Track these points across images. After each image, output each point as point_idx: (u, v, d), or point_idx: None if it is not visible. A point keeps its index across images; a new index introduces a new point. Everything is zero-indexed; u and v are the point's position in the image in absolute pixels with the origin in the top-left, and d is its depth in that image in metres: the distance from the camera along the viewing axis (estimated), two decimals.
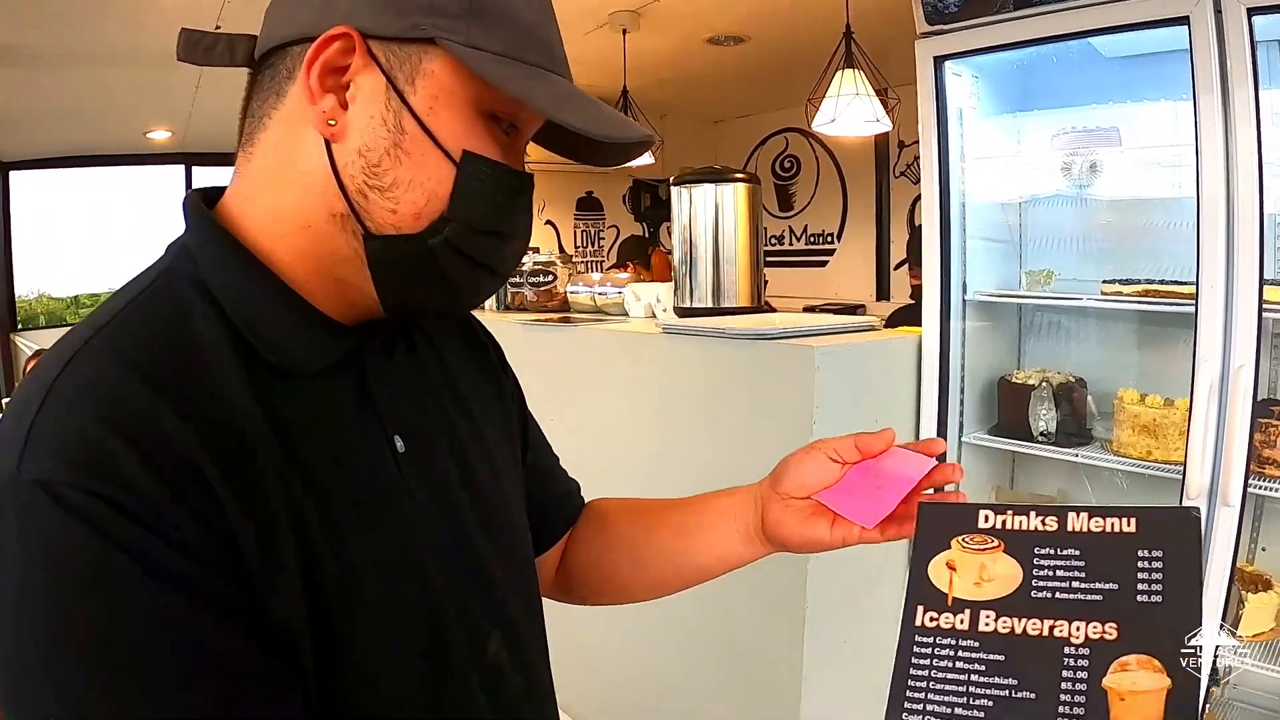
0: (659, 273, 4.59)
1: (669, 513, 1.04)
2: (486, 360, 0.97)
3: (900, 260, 5.93)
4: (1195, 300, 1.94)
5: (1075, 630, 0.73)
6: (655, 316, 2.89)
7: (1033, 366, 2.60)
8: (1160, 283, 2.17)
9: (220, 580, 0.62)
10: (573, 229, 7.23)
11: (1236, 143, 1.87)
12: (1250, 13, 1.82)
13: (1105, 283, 2.27)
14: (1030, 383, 2.41)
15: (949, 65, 2.31)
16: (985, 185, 2.47)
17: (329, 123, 0.69)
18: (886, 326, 2.72)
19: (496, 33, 0.69)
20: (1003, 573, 0.78)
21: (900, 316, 3.27)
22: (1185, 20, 1.89)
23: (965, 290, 2.42)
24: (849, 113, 3.72)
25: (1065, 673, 0.71)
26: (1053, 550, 0.78)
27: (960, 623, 0.76)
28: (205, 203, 0.75)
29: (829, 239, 6.69)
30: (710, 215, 2.69)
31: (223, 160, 7.74)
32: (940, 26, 2.26)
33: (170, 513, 0.61)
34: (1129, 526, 0.77)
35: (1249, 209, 1.86)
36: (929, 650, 0.75)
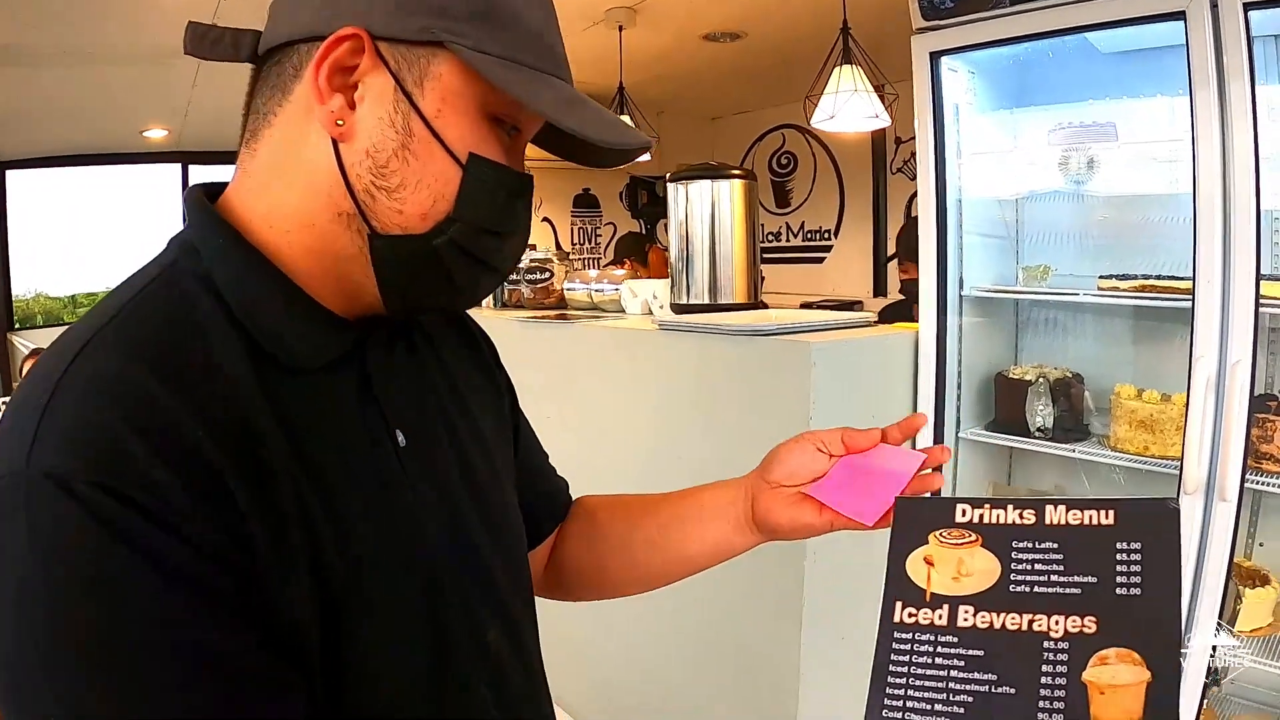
0: (656, 269, 4.59)
1: (657, 507, 1.05)
2: (481, 357, 0.98)
3: (892, 254, 5.92)
4: (1192, 295, 1.94)
5: (1054, 624, 0.73)
6: (652, 313, 2.89)
7: (1030, 362, 2.60)
8: (1157, 278, 2.17)
9: (228, 578, 0.62)
10: (570, 226, 7.23)
11: (1233, 138, 1.87)
12: (1246, 8, 1.82)
13: (1102, 278, 2.27)
14: (1027, 378, 2.41)
15: (945, 61, 2.30)
16: (982, 181, 2.47)
17: (337, 123, 0.69)
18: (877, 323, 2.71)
19: (503, 37, 0.70)
20: (981, 567, 0.78)
21: (890, 312, 3.26)
22: (1181, 15, 1.89)
23: (962, 286, 2.42)
24: (848, 109, 3.72)
25: (1045, 667, 0.71)
26: (1031, 544, 0.78)
27: (939, 618, 0.76)
28: (207, 198, 0.75)
29: (826, 235, 6.69)
30: (707, 212, 2.69)
31: (219, 159, 7.72)
32: (936, 22, 2.26)
33: (183, 508, 0.61)
34: (1107, 519, 0.77)
35: (1245, 204, 1.86)
36: (908, 647, 0.76)
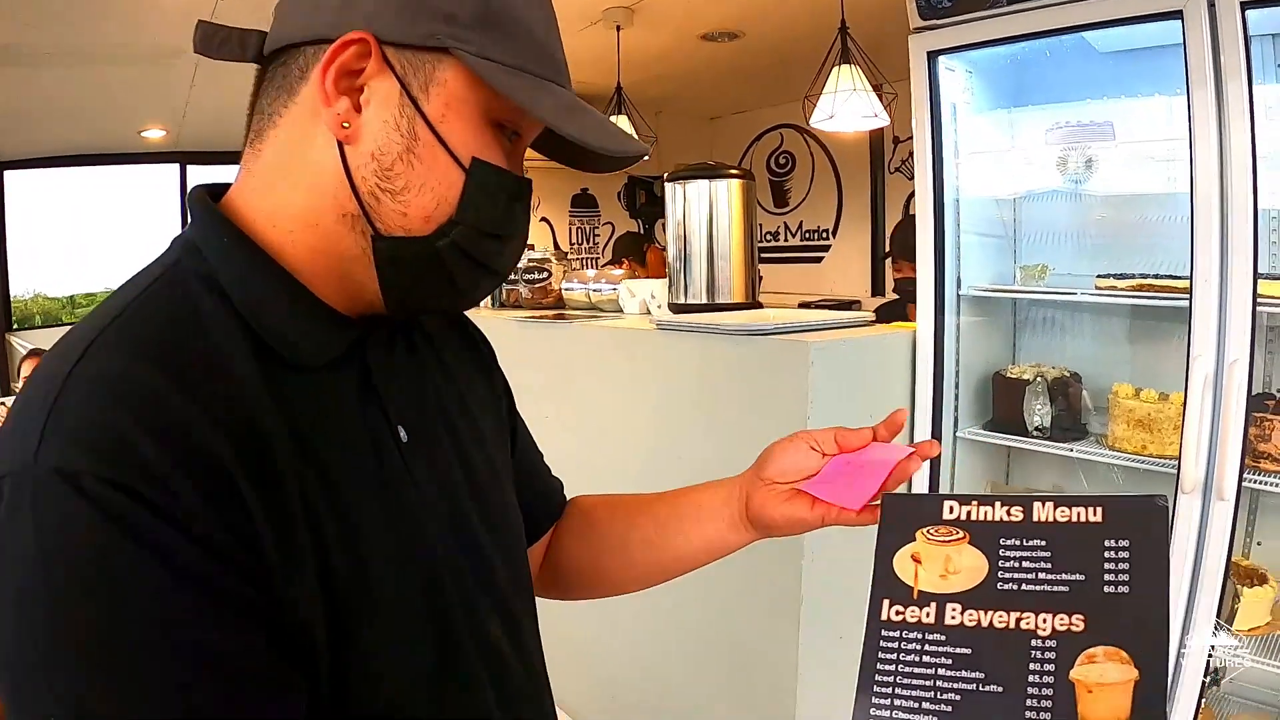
0: (654, 269, 4.58)
1: (653, 506, 1.06)
2: (480, 359, 0.99)
3: (885, 253, 5.91)
4: (1189, 295, 1.94)
5: (1042, 622, 0.73)
6: (650, 313, 2.89)
7: (1027, 361, 2.60)
8: (1155, 277, 2.17)
9: (235, 578, 0.63)
10: (568, 226, 7.23)
11: (1230, 137, 1.87)
12: (1243, 7, 1.82)
13: (1100, 277, 2.27)
14: (1025, 378, 2.41)
15: (942, 60, 2.31)
16: (979, 180, 2.47)
17: (343, 125, 0.70)
18: None
19: (507, 44, 0.71)
20: (968, 565, 0.78)
21: (885, 312, 3.25)
22: (1179, 14, 1.89)
23: (960, 285, 2.42)
24: (847, 109, 3.72)
25: (1032, 665, 0.71)
26: (1019, 541, 0.78)
27: (926, 616, 0.76)
28: (210, 198, 0.76)
29: (824, 235, 6.69)
30: (704, 211, 2.68)
31: (217, 159, 7.71)
32: (934, 21, 2.26)
33: (191, 505, 0.61)
34: (1095, 516, 0.77)
35: (1242, 203, 1.86)
36: (895, 645, 0.76)
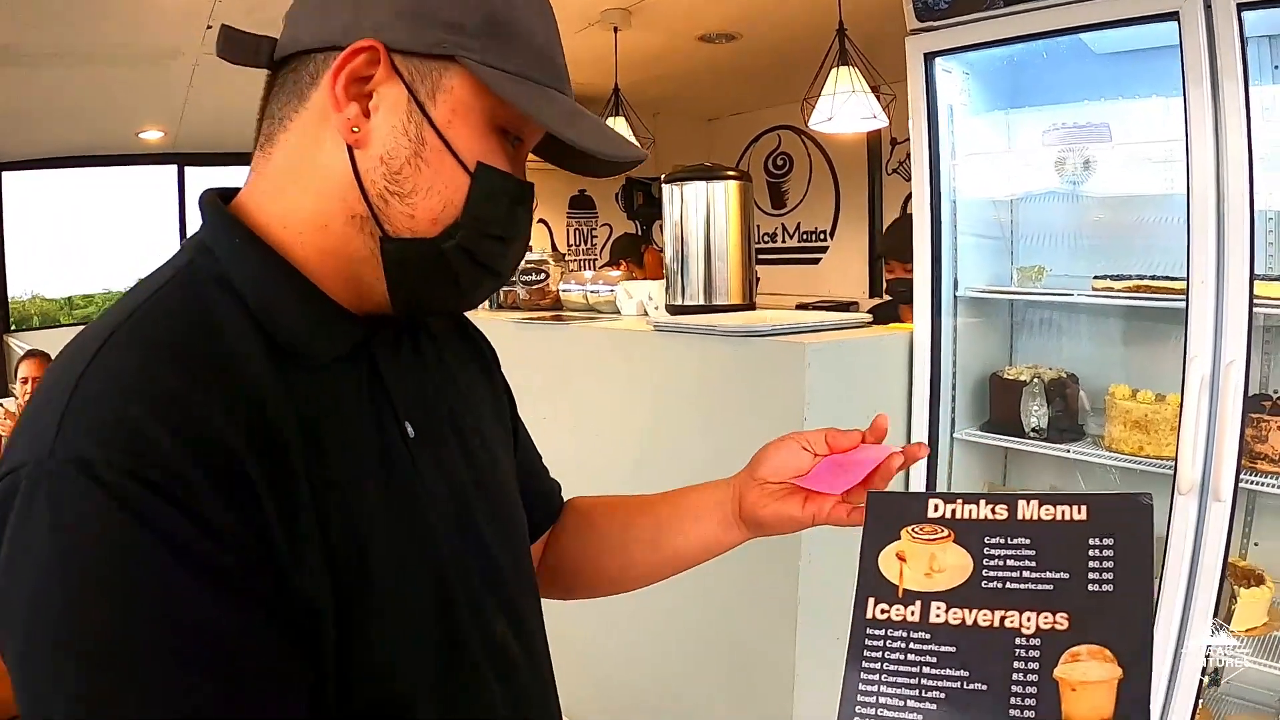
0: (652, 270, 4.58)
1: (650, 506, 1.08)
2: (483, 362, 1.02)
3: (876, 255, 5.91)
4: (1186, 296, 1.94)
5: (1026, 621, 0.73)
6: (647, 314, 2.89)
7: (1024, 362, 2.61)
8: (1151, 278, 2.17)
9: (247, 571, 0.64)
10: (565, 228, 7.22)
11: (1226, 138, 1.87)
12: (1240, 8, 1.82)
13: (1096, 279, 2.27)
14: (1022, 379, 2.41)
15: (939, 62, 2.31)
16: (976, 182, 2.47)
17: (353, 129, 0.73)
18: None
19: (510, 52, 0.74)
20: (953, 563, 0.78)
21: (877, 313, 3.23)
22: (1175, 16, 1.89)
23: (957, 287, 2.43)
24: (845, 110, 3.72)
25: (1016, 664, 0.71)
26: (1003, 539, 0.78)
27: (911, 615, 0.76)
28: (221, 201, 0.78)
29: (822, 236, 6.69)
30: (702, 213, 2.68)
31: (215, 160, 7.70)
32: (930, 23, 2.26)
33: (206, 497, 0.62)
34: (1080, 514, 0.77)
35: (1239, 204, 1.86)
36: (880, 643, 0.76)
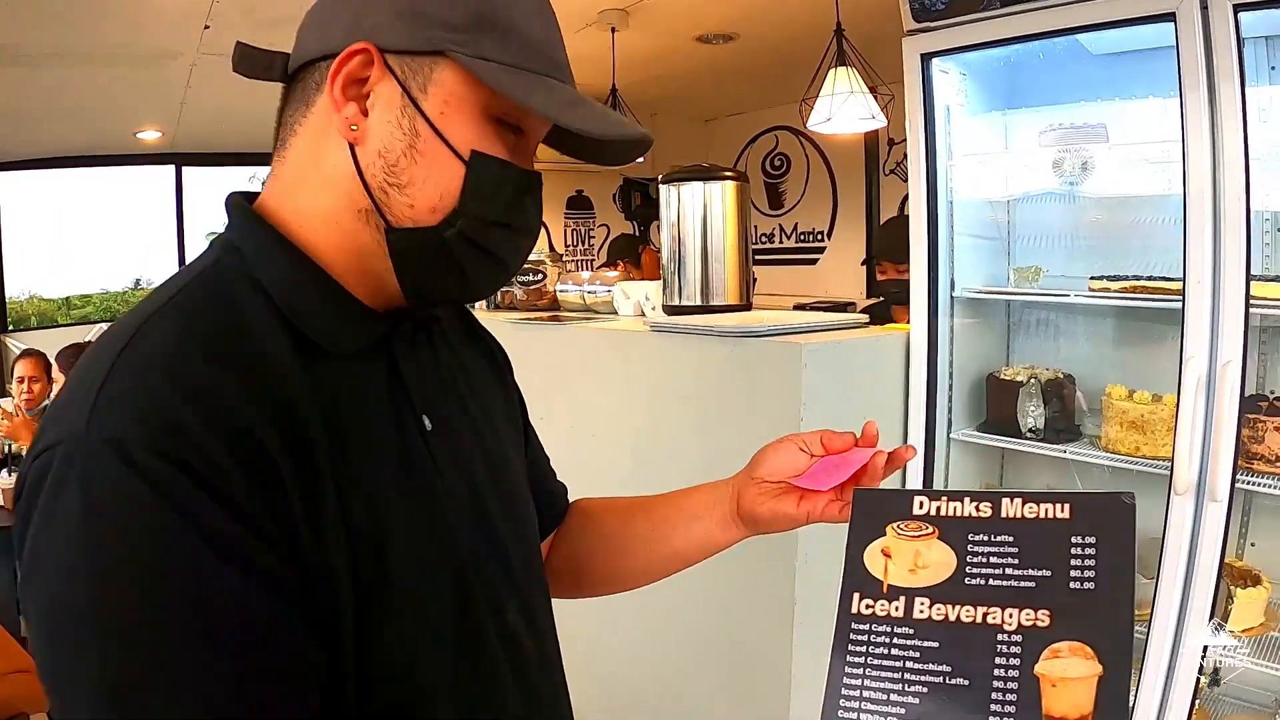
0: (649, 271, 4.58)
1: (649, 506, 1.12)
2: (495, 364, 1.06)
3: (867, 257, 5.90)
4: (1182, 296, 1.94)
5: (1008, 617, 0.74)
6: (644, 315, 2.89)
7: (1021, 363, 2.61)
8: (1148, 279, 2.17)
9: (272, 557, 0.66)
10: (563, 228, 7.21)
11: (1223, 139, 1.87)
12: (1236, 9, 1.82)
13: (1093, 279, 2.27)
14: (1019, 379, 2.41)
15: (936, 62, 2.31)
16: (973, 182, 2.47)
17: (351, 127, 0.76)
18: None
19: (502, 45, 0.76)
20: (937, 559, 0.79)
21: (869, 315, 3.20)
22: (1172, 17, 1.89)
23: (953, 287, 2.42)
24: (844, 110, 3.72)
25: (998, 660, 0.72)
26: (987, 537, 0.79)
27: (895, 610, 0.77)
28: (245, 202, 0.82)
29: (819, 237, 6.69)
30: (699, 213, 2.68)
31: (213, 161, 7.70)
32: (927, 24, 2.26)
33: (236, 484, 0.65)
34: (1063, 513, 0.78)
35: (1235, 205, 1.86)
36: (865, 638, 0.77)
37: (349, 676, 0.71)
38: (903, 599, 0.78)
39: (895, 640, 0.76)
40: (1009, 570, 0.77)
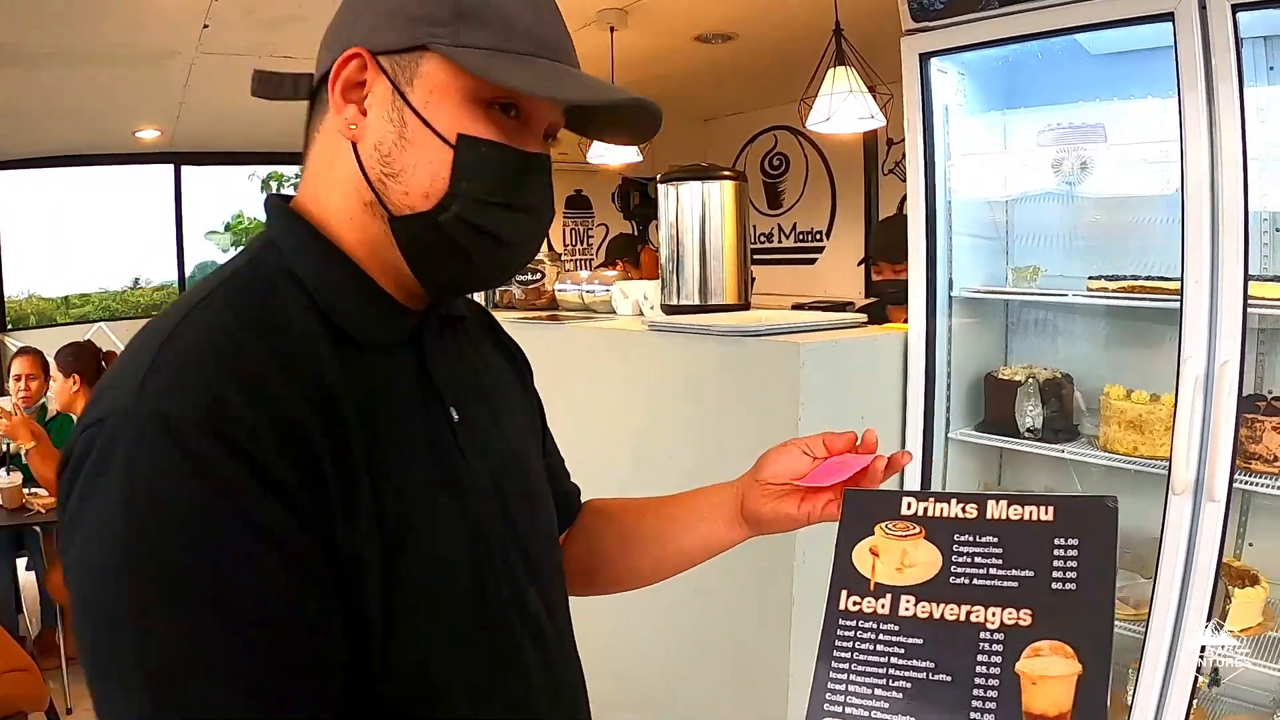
0: (648, 270, 4.58)
1: (659, 506, 1.15)
2: (517, 368, 1.12)
3: (863, 258, 5.87)
4: (1180, 296, 1.94)
5: (991, 616, 0.76)
6: (643, 314, 2.89)
7: (1019, 363, 2.61)
8: (1146, 279, 2.17)
9: (307, 536, 0.69)
10: (562, 228, 7.21)
11: (1221, 139, 1.87)
12: (1234, 9, 1.82)
13: (1091, 279, 2.27)
14: (1017, 379, 2.41)
15: (934, 62, 2.31)
16: (972, 182, 2.47)
17: (350, 126, 0.81)
18: None
19: (482, 31, 0.79)
20: (923, 559, 0.81)
21: (865, 314, 3.19)
22: (1170, 17, 1.89)
23: (951, 287, 2.42)
24: (843, 110, 3.71)
25: (980, 657, 0.74)
26: (972, 537, 0.81)
27: (882, 607, 0.80)
28: (282, 202, 0.87)
29: (818, 236, 6.69)
30: (697, 213, 2.68)
31: (212, 160, 7.70)
32: (926, 24, 2.26)
33: (278, 467, 0.68)
34: (1047, 515, 0.80)
35: (1233, 205, 1.86)
36: (851, 633, 0.79)
37: (374, 663, 0.74)
38: (889, 596, 0.80)
39: (881, 636, 0.78)
40: (993, 570, 0.78)
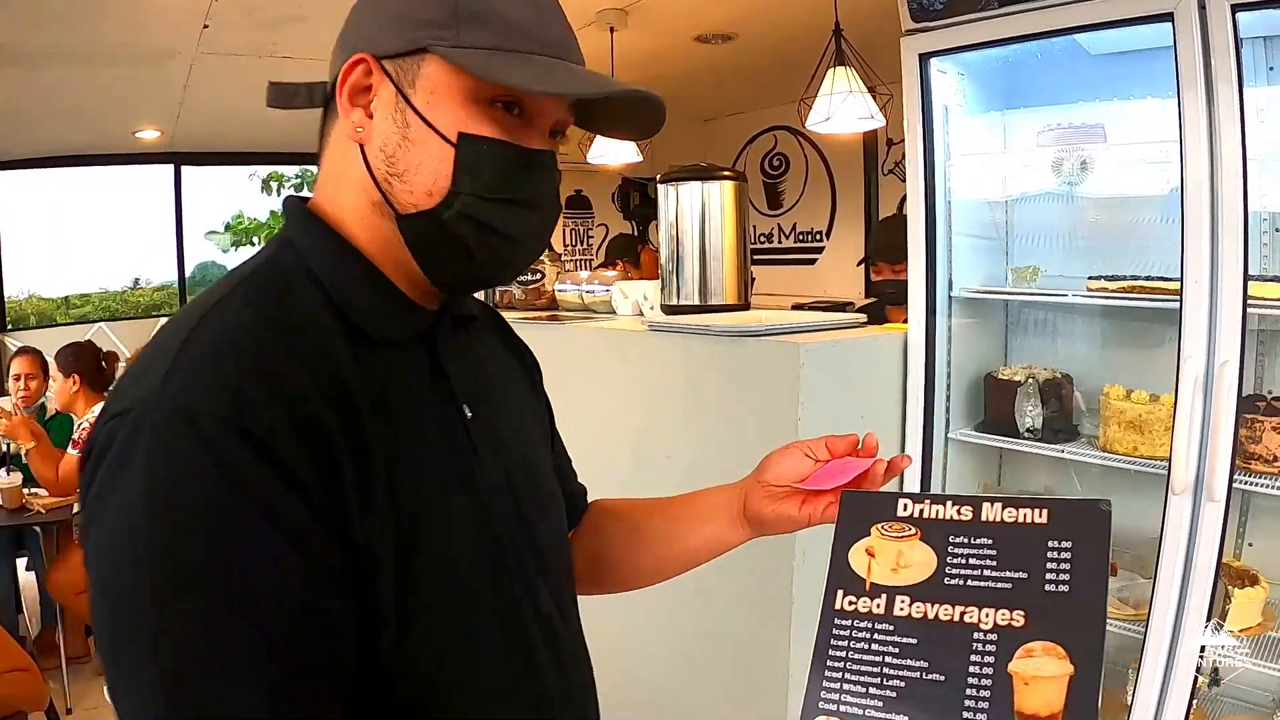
0: (648, 270, 4.58)
1: (664, 506, 1.17)
2: (527, 370, 1.14)
3: (862, 259, 5.86)
4: (1180, 296, 1.94)
5: (985, 616, 0.77)
6: (642, 314, 2.89)
7: (1019, 363, 2.61)
8: (1145, 279, 2.17)
9: (324, 531, 0.71)
10: (562, 228, 7.21)
11: (1221, 140, 1.87)
12: (1234, 9, 1.82)
13: (1091, 279, 2.27)
14: (1017, 379, 2.41)
15: (934, 62, 2.31)
16: (971, 182, 2.47)
17: (357, 130, 0.83)
18: None
19: (484, 31, 0.81)
20: (918, 560, 0.82)
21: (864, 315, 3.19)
22: (1169, 17, 1.89)
23: (951, 287, 2.42)
24: (843, 110, 3.71)
25: (974, 657, 0.75)
26: (967, 539, 0.82)
27: (877, 607, 0.80)
28: (300, 203, 0.89)
29: (818, 237, 6.69)
30: (697, 213, 2.68)
31: (212, 160, 7.70)
32: (925, 24, 2.26)
33: (297, 461, 0.70)
34: (1040, 518, 0.81)
35: (1233, 205, 1.86)
36: (847, 632, 0.80)
37: (386, 652, 0.76)
38: (884, 596, 0.81)
39: (876, 636, 0.79)
40: (987, 572, 0.79)
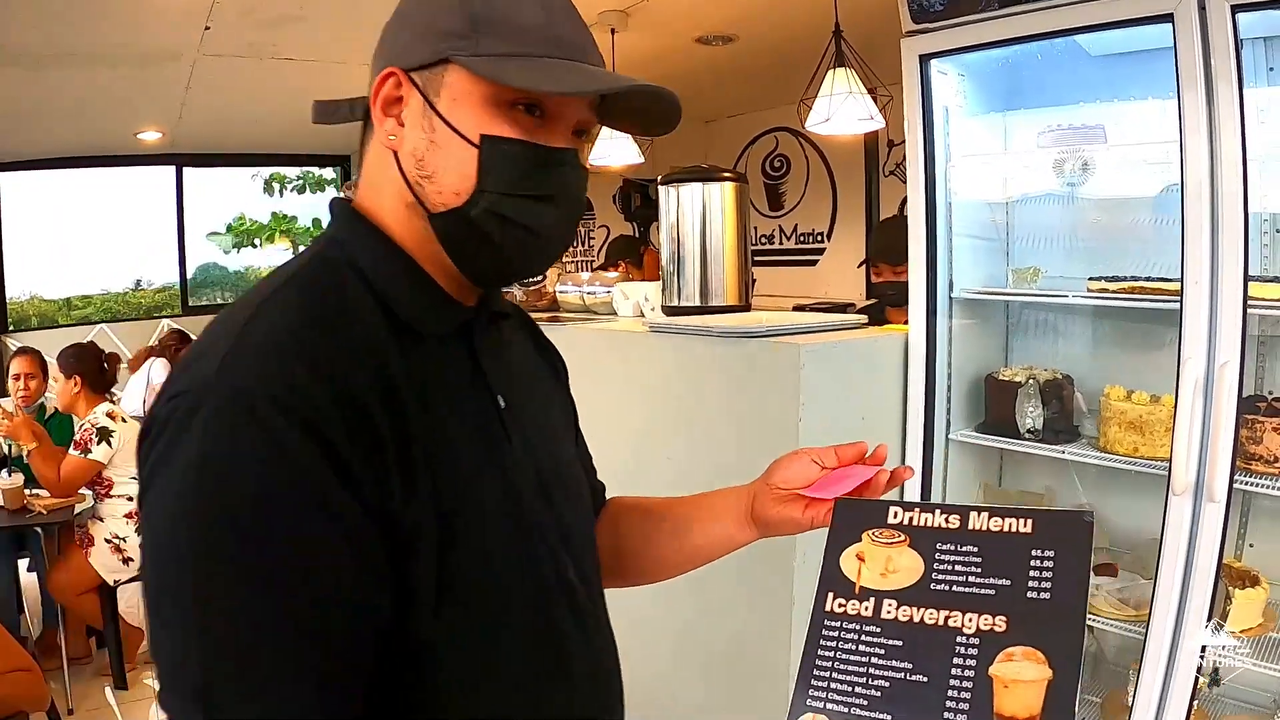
0: (650, 271, 4.58)
1: (678, 504, 1.22)
2: (554, 369, 1.21)
3: (862, 260, 5.86)
4: (1180, 297, 1.94)
5: (968, 621, 0.80)
6: (643, 315, 2.89)
7: (1020, 364, 2.61)
8: (1146, 280, 2.17)
9: (367, 517, 0.75)
10: None
11: (1221, 140, 1.87)
12: (1234, 10, 1.82)
13: (1091, 280, 2.27)
14: (1017, 380, 2.41)
15: (935, 64, 2.31)
16: (972, 183, 2.47)
17: (390, 137, 0.90)
18: None
19: (497, 39, 0.86)
20: (906, 565, 0.86)
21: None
22: (1169, 18, 1.90)
23: (952, 288, 2.42)
24: (843, 111, 3.71)
25: (956, 660, 0.78)
26: (954, 546, 0.85)
27: (865, 610, 0.84)
28: (346, 203, 0.95)
29: (819, 238, 6.69)
30: (698, 214, 2.68)
31: (213, 161, 7.71)
32: (926, 25, 2.27)
33: (348, 447, 0.74)
34: (1025, 527, 0.84)
35: (1233, 206, 1.86)
36: (836, 634, 0.84)
37: (420, 639, 0.80)
38: (872, 600, 0.84)
39: (863, 637, 0.82)
40: (972, 578, 0.83)
